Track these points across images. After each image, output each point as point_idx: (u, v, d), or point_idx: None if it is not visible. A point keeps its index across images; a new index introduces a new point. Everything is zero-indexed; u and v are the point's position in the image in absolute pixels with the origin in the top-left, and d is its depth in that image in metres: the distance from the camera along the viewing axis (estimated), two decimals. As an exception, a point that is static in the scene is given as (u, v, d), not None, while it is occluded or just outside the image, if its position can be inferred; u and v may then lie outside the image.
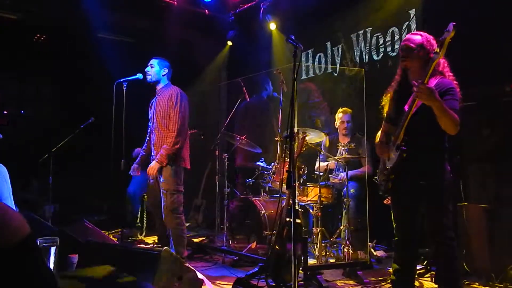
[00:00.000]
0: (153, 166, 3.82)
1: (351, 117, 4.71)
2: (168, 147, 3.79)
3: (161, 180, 3.85)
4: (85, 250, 2.68)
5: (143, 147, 4.31)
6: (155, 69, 4.02)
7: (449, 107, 2.47)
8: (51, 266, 1.91)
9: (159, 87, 4.07)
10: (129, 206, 5.75)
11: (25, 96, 6.77)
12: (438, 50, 2.44)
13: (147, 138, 4.24)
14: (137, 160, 4.25)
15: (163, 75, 4.04)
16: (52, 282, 1.22)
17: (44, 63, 6.30)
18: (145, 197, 5.61)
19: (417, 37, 2.67)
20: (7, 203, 2.18)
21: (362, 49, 5.12)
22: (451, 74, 2.67)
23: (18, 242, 1.11)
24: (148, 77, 4.02)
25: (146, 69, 4.03)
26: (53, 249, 1.92)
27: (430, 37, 2.65)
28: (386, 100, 2.91)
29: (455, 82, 2.63)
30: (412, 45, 2.64)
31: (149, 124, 4.16)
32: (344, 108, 4.74)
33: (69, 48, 6.20)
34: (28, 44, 6.25)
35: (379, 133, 2.97)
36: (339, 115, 4.77)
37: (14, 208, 2.29)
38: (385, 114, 2.91)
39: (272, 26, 6.00)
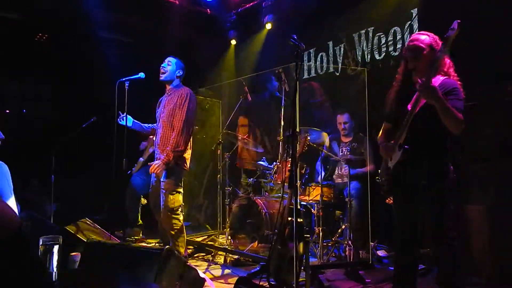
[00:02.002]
0: (158, 164, 3.74)
1: (349, 117, 4.71)
2: (171, 149, 3.78)
3: (161, 179, 3.86)
4: (87, 248, 2.68)
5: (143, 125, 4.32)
6: (171, 67, 3.96)
7: (452, 106, 2.47)
8: (54, 264, 1.92)
9: (169, 86, 4.02)
10: (128, 206, 5.76)
11: (26, 96, 6.77)
12: (442, 48, 2.44)
13: (153, 126, 4.24)
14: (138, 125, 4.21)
15: (177, 76, 4.00)
16: (41, 274, 1.24)
17: (46, 63, 6.30)
18: (142, 198, 5.62)
19: (425, 37, 2.66)
20: (8, 201, 2.19)
21: (364, 48, 5.12)
22: (455, 75, 2.67)
23: (8, 234, 1.12)
24: (163, 75, 3.95)
25: (162, 65, 3.97)
26: (56, 248, 1.92)
27: (436, 37, 2.65)
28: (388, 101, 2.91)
29: (459, 82, 2.63)
30: (422, 45, 2.63)
31: (157, 123, 4.15)
32: (342, 109, 4.75)
33: (71, 47, 6.20)
34: (29, 43, 6.25)
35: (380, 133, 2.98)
36: (337, 117, 4.78)
37: (16, 206, 2.30)
38: (386, 114, 2.91)
39: (268, 25, 6.00)
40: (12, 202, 2.19)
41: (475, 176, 3.69)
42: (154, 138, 4.14)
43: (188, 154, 4.02)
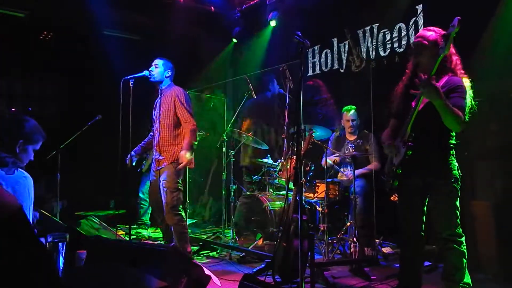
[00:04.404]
0: (183, 154, 3.84)
1: (356, 114, 4.70)
2: (189, 141, 3.88)
3: (162, 178, 3.89)
4: (93, 246, 2.69)
5: (142, 144, 4.33)
6: (159, 69, 4.08)
7: (455, 104, 2.46)
8: (61, 261, 1.93)
9: (161, 87, 4.13)
10: (141, 209, 5.81)
11: (32, 94, 6.81)
12: (443, 45, 2.43)
13: (150, 137, 4.28)
14: (135, 149, 4.24)
15: (166, 77, 4.11)
16: (43, 256, 1.24)
17: (51, 61, 6.34)
18: None
19: (431, 33, 2.65)
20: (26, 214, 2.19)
21: (368, 45, 5.10)
22: (463, 71, 2.65)
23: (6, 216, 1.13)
24: (151, 77, 4.07)
25: (150, 69, 4.09)
26: (62, 245, 1.94)
27: (444, 33, 2.63)
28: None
29: (467, 79, 2.62)
30: (425, 42, 2.62)
31: (154, 124, 4.19)
32: (348, 106, 4.73)
33: (76, 45, 6.23)
34: (35, 41, 6.28)
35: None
36: (344, 114, 4.76)
37: (31, 218, 2.30)
38: (392, 110, 2.90)
39: (273, 23, 5.99)
40: (28, 216, 2.19)
41: (481, 172, 3.67)
42: (152, 139, 4.17)
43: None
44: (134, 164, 4.19)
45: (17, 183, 2.13)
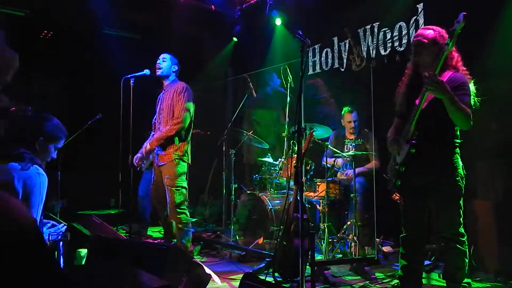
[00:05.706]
0: (145, 146, 3.97)
1: (357, 115, 4.69)
2: (163, 133, 3.87)
3: (165, 177, 3.88)
4: (94, 244, 2.69)
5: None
6: (167, 63, 4.07)
7: (461, 101, 2.45)
8: (62, 260, 1.93)
9: (166, 82, 4.11)
10: (141, 207, 5.81)
11: (32, 93, 6.79)
12: (448, 42, 2.42)
13: (152, 133, 4.27)
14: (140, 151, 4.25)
15: (173, 71, 4.10)
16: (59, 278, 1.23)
17: (51, 60, 6.33)
18: None
19: (430, 31, 2.64)
20: (33, 213, 2.20)
21: (369, 44, 5.09)
22: (464, 68, 2.64)
23: (18, 233, 1.12)
24: (159, 71, 4.05)
25: (158, 62, 4.06)
26: (62, 244, 1.94)
27: (443, 31, 2.62)
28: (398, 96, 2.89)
29: (469, 76, 2.61)
30: (424, 40, 2.61)
31: (154, 119, 4.19)
32: (348, 108, 4.72)
33: (76, 44, 6.22)
34: (35, 40, 6.27)
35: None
36: (345, 114, 4.75)
37: (38, 218, 2.31)
38: (396, 110, 2.88)
39: (278, 21, 5.99)
40: (35, 215, 2.19)
41: (483, 171, 3.67)
42: (154, 133, 4.17)
43: (188, 148, 4.05)
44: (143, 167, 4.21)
45: (29, 178, 2.16)
